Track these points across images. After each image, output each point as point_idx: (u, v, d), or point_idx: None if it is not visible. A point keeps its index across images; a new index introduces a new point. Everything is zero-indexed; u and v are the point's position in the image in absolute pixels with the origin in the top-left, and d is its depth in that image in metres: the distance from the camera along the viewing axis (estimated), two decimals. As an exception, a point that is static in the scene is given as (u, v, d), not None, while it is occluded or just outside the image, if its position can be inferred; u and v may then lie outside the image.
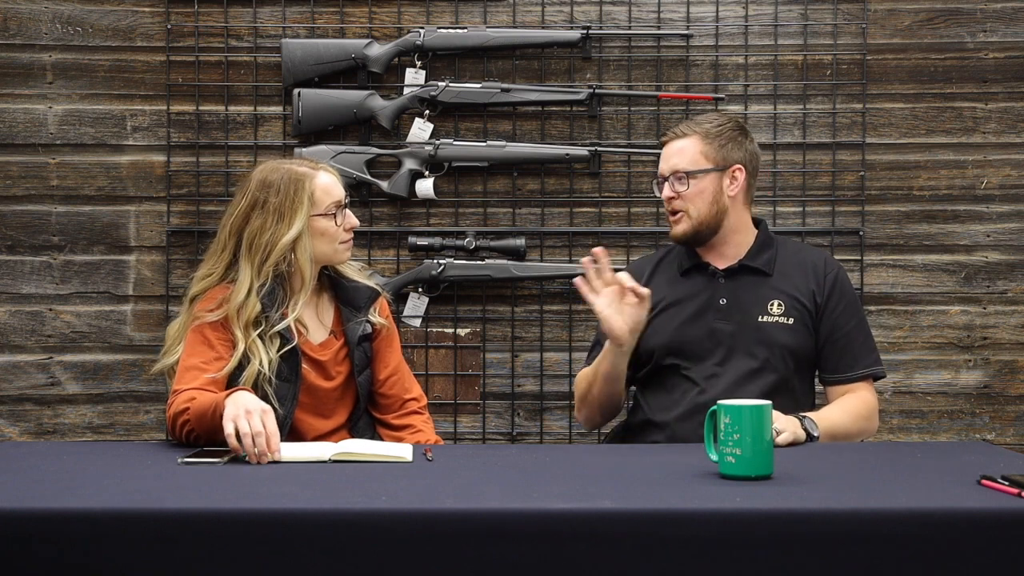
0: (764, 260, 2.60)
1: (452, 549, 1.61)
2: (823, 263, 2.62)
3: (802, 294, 2.56)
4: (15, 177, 3.34)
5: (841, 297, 2.58)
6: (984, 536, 1.62)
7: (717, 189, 2.57)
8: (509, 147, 3.29)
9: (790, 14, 3.35)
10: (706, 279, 2.60)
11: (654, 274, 2.67)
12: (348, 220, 2.53)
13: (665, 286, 2.63)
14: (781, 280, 2.58)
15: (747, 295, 2.57)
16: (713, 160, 2.58)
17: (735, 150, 2.60)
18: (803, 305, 2.56)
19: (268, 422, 2.09)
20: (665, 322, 2.58)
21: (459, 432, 3.34)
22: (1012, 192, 3.35)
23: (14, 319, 3.34)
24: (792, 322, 2.54)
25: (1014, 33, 3.35)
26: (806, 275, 2.59)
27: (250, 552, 1.60)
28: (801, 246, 2.76)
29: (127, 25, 3.34)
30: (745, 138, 2.63)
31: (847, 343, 2.56)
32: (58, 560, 1.60)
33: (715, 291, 2.58)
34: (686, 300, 2.59)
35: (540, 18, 3.35)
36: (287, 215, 2.45)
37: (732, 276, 2.59)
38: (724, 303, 2.56)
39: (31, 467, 2.01)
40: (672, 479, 1.91)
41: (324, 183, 2.50)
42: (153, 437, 3.33)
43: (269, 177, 2.49)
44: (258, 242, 2.45)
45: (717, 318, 2.55)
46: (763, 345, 2.52)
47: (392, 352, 2.64)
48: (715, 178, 2.58)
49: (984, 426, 3.36)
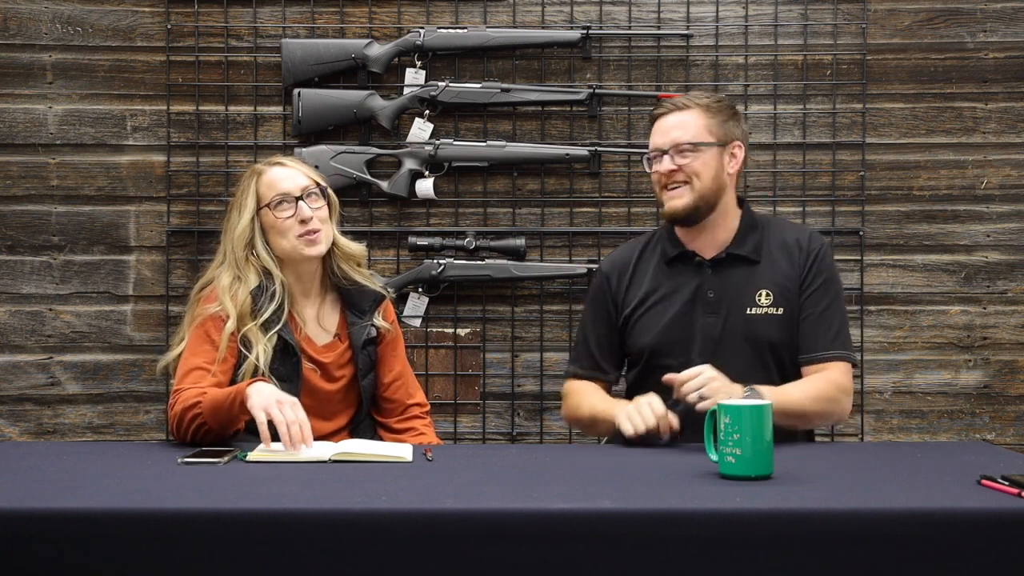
0: (751, 246, 2.52)
1: (452, 549, 1.61)
2: (807, 240, 2.53)
3: (788, 278, 2.50)
4: (15, 177, 3.34)
5: (818, 274, 2.49)
6: (984, 536, 1.62)
7: (719, 165, 2.50)
8: (509, 147, 3.29)
9: (790, 14, 3.35)
10: (692, 270, 2.53)
11: (638, 263, 2.60)
12: (299, 212, 2.50)
13: (650, 277, 2.56)
14: (769, 266, 2.51)
15: (735, 286, 2.50)
16: (716, 135, 2.51)
17: (735, 127, 2.54)
18: (790, 291, 2.49)
19: (299, 412, 2.15)
20: (653, 319, 2.53)
21: (459, 432, 3.34)
22: (1012, 192, 3.35)
23: (14, 319, 3.34)
24: (782, 312, 2.48)
25: (1014, 33, 3.35)
26: (791, 256, 2.51)
27: (250, 552, 1.60)
28: (785, 224, 2.65)
29: (127, 25, 3.34)
30: (738, 118, 2.58)
31: (819, 321, 2.47)
32: (58, 560, 1.60)
33: (702, 283, 2.51)
34: (672, 294, 2.53)
35: (540, 18, 3.35)
36: (239, 208, 2.54)
37: (719, 266, 2.52)
38: (712, 296, 2.49)
39: (31, 467, 2.01)
40: (672, 479, 1.91)
41: (269, 177, 2.54)
42: (153, 437, 3.33)
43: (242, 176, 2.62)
44: (227, 236, 2.55)
45: (705, 312, 2.49)
46: (750, 342, 2.46)
47: (396, 357, 2.64)
48: (717, 153, 2.50)
49: (984, 426, 3.36)
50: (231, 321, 2.43)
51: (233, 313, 2.44)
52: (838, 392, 2.44)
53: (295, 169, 2.56)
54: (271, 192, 2.52)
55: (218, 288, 2.49)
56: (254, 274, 2.49)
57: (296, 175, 2.54)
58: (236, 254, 2.50)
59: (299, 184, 2.52)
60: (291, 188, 2.52)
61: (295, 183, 2.52)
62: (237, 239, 2.51)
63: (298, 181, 2.53)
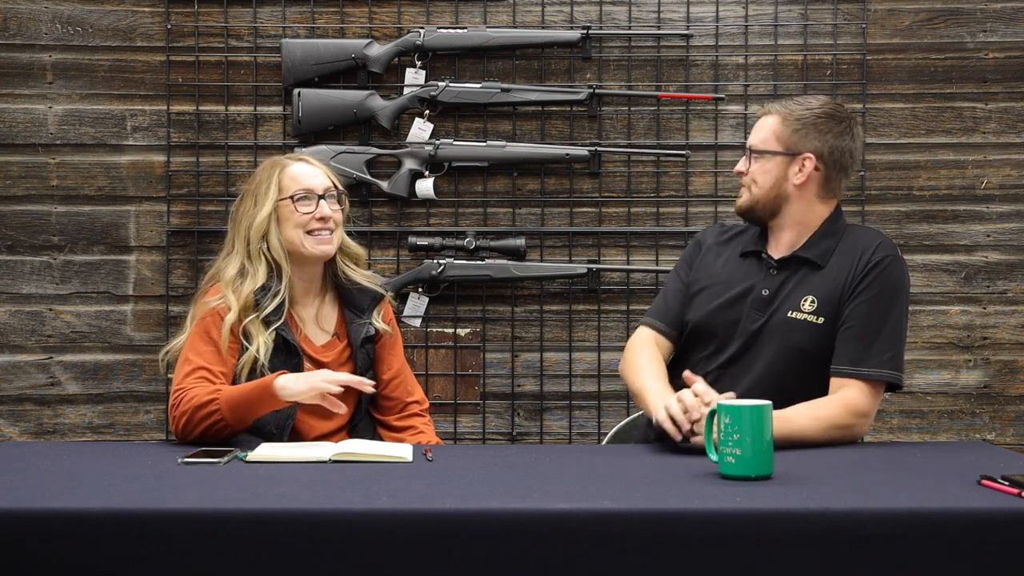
0: (819, 251, 2.44)
1: (452, 549, 1.61)
2: (872, 248, 2.42)
3: (839, 285, 2.40)
4: (15, 177, 3.34)
5: (871, 285, 2.38)
6: (984, 536, 1.62)
7: (781, 174, 2.45)
8: (509, 147, 3.29)
9: (790, 14, 3.35)
10: (759, 265, 2.49)
11: (726, 245, 2.57)
12: (319, 209, 2.53)
13: (724, 261, 2.54)
14: (829, 272, 2.42)
15: (790, 288, 2.44)
16: (784, 144, 2.46)
17: (812, 138, 2.45)
18: (837, 300, 2.39)
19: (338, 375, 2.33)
20: (705, 300, 2.50)
21: (459, 432, 3.34)
22: (1012, 192, 3.35)
23: (14, 319, 3.34)
24: (822, 322, 2.39)
25: (1014, 33, 3.35)
26: (850, 263, 2.42)
27: (250, 552, 1.60)
28: (864, 232, 2.53)
29: (127, 25, 3.34)
30: (833, 129, 2.46)
31: (859, 334, 2.36)
32: (58, 560, 1.60)
33: (762, 280, 2.46)
34: (731, 283, 2.49)
35: (540, 18, 3.35)
36: (259, 198, 2.54)
37: (783, 267, 2.46)
38: (765, 294, 2.44)
39: (31, 467, 2.01)
40: (672, 479, 1.91)
41: (294, 171, 2.56)
42: (153, 437, 3.33)
43: (257, 168, 2.63)
44: (242, 226, 2.55)
45: (753, 308, 2.44)
46: (782, 345, 2.39)
47: (395, 355, 2.65)
48: (781, 162, 2.46)
49: (984, 426, 3.36)
50: (232, 313, 2.44)
51: (235, 305, 2.44)
52: (850, 417, 2.32)
53: (319, 168, 2.60)
54: (295, 185, 2.54)
55: (222, 280, 2.51)
56: (263, 267, 2.50)
57: (320, 174, 2.58)
58: (250, 244, 2.51)
59: (322, 183, 2.56)
60: (315, 185, 2.55)
61: (319, 181, 2.56)
62: (255, 228, 2.51)
63: (321, 180, 2.57)
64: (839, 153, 2.47)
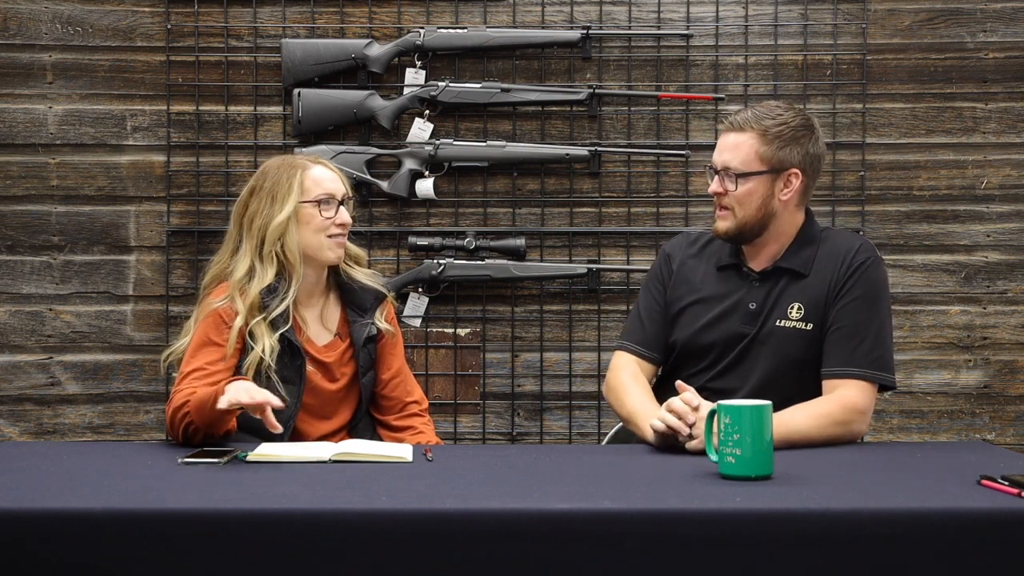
0: (801, 260, 2.43)
1: (452, 549, 1.61)
2: (854, 251, 2.42)
3: (823, 290, 2.39)
4: (15, 177, 3.34)
5: (856, 286, 2.38)
6: (984, 536, 1.62)
7: (768, 193, 2.40)
8: (509, 147, 3.29)
9: (790, 14, 3.35)
10: (740, 279, 2.47)
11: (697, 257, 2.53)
12: (339, 215, 2.52)
13: (702, 276, 2.51)
14: (814, 279, 2.41)
15: (775, 298, 2.43)
16: (768, 163, 2.39)
17: (794, 152, 2.40)
18: (822, 305, 2.39)
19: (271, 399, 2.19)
20: (691, 318, 2.48)
21: (459, 432, 3.34)
22: (1012, 192, 3.35)
23: (14, 319, 3.34)
24: (811, 328, 2.39)
25: (1014, 33, 3.35)
26: (834, 265, 2.41)
27: (250, 552, 1.60)
28: (842, 235, 2.51)
29: (127, 25, 3.34)
30: (808, 137, 2.42)
31: (847, 335, 2.36)
32: (58, 560, 1.60)
33: (746, 293, 2.44)
34: (715, 299, 2.47)
35: (540, 18, 3.35)
36: (278, 199, 2.50)
37: (766, 278, 2.44)
38: (753, 307, 2.43)
39: (31, 467, 2.01)
40: (672, 479, 1.91)
41: (316, 174, 2.54)
42: (153, 437, 3.33)
43: (269, 165, 2.58)
44: (255, 225, 2.51)
45: (743, 323, 2.42)
46: (774, 354, 2.39)
47: (395, 355, 2.65)
48: (767, 180, 2.40)
49: (984, 426, 3.36)
50: (239, 317, 2.43)
51: (242, 308, 2.43)
52: (850, 414, 2.31)
53: (336, 174, 2.58)
54: (318, 189, 2.52)
55: (231, 280, 2.49)
56: (273, 268, 2.48)
57: (339, 179, 2.57)
58: (264, 245, 2.48)
59: (342, 189, 2.56)
60: (336, 190, 2.54)
61: (339, 187, 2.55)
62: (273, 229, 2.48)
63: (340, 186, 2.56)
64: (817, 160, 2.46)
